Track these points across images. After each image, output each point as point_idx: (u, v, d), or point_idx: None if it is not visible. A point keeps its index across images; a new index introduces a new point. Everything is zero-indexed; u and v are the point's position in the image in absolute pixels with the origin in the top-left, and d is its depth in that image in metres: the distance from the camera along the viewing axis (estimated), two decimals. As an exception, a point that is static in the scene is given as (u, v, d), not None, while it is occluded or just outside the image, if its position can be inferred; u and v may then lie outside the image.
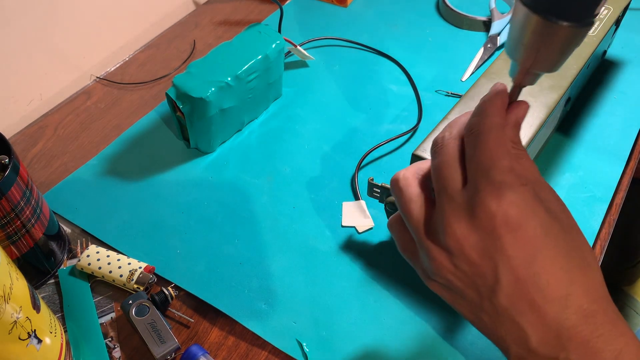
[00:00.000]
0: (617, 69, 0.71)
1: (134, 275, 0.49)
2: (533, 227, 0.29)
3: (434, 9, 0.84)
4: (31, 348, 0.38)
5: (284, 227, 0.55)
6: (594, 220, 0.54)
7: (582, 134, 0.63)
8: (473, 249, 0.30)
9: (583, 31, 0.31)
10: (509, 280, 0.29)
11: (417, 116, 0.67)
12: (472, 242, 0.30)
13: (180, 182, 0.60)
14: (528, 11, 0.31)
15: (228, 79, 0.58)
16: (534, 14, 0.31)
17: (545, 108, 0.51)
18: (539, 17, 0.31)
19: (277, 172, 0.61)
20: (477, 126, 0.32)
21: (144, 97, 0.71)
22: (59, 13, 0.69)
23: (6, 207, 0.43)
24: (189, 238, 0.54)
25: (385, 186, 0.49)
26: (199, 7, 0.89)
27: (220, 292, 0.50)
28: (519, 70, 0.34)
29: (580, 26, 0.31)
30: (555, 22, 0.31)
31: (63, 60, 0.72)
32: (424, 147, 0.47)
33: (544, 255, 0.29)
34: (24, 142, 0.66)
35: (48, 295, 0.51)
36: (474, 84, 0.54)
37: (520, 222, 0.29)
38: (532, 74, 0.34)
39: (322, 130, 0.65)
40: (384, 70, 0.74)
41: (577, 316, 0.28)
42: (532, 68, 0.33)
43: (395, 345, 0.46)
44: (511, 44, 0.34)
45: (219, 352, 0.46)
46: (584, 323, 0.28)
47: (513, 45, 0.34)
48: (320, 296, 0.49)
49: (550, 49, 0.32)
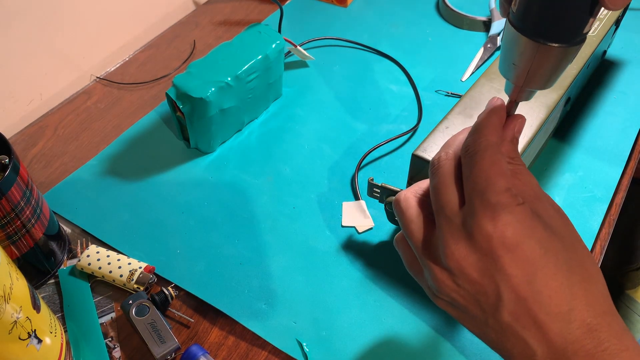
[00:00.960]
0: (617, 69, 0.71)
1: (134, 275, 0.49)
2: (531, 246, 0.29)
3: (434, 9, 0.84)
4: (31, 348, 0.38)
5: (284, 227, 0.55)
6: (594, 221, 0.54)
7: (582, 134, 0.63)
8: (473, 268, 0.30)
9: (574, 50, 0.32)
10: (511, 298, 0.29)
11: (417, 116, 0.67)
12: (472, 262, 0.30)
13: (180, 182, 0.60)
14: (518, 34, 0.32)
15: (228, 79, 0.58)
16: (524, 36, 0.32)
17: (545, 108, 0.51)
18: (529, 40, 0.31)
19: (277, 172, 0.61)
20: (472, 146, 0.32)
21: (144, 97, 0.71)
22: (60, 13, 0.69)
23: (6, 207, 0.44)
24: (189, 238, 0.54)
25: (385, 186, 0.49)
26: (199, 7, 0.89)
27: (220, 292, 0.50)
28: (513, 89, 0.35)
29: (570, 46, 0.32)
30: (545, 44, 0.31)
31: (63, 60, 0.72)
32: (423, 147, 0.47)
33: (544, 273, 0.29)
34: (24, 142, 0.66)
35: (48, 295, 0.51)
36: (474, 84, 0.54)
37: (517, 242, 0.29)
38: (526, 91, 0.35)
39: (322, 130, 0.65)
40: (384, 70, 0.74)
41: (580, 331, 0.29)
42: (525, 86, 0.34)
43: (395, 345, 0.46)
44: (503, 64, 0.35)
45: (219, 352, 0.46)
46: (587, 337, 0.29)
47: (506, 65, 0.35)
48: (320, 296, 0.49)
49: (542, 69, 0.33)
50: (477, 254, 0.30)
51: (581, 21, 0.30)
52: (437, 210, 0.33)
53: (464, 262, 0.30)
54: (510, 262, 0.29)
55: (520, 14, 0.31)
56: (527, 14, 0.31)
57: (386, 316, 0.48)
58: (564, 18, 0.30)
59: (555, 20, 0.30)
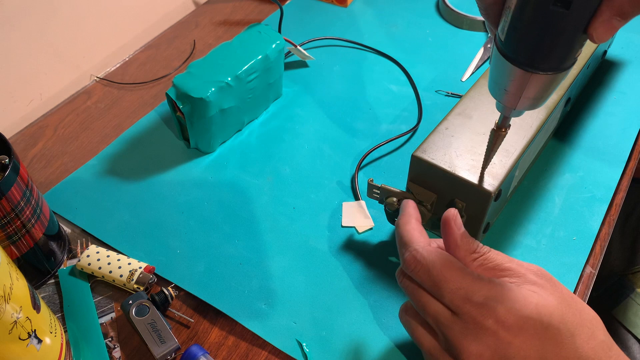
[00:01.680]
0: (617, 70, 0.71)
1: (134, 275, 0.49)
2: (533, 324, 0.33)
3: (434, 9, 0.84)
4: (31, 348, 0.38)
5: (284, 227, 0.55)
6: (594, 221, 0.54)
7: (582, 135, 0.63)
8: None
9: (562, 75, 0.32)
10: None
11: (417, 116, 0.67)
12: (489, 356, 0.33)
13: (180, 182, 0.60)
14: (509, 63, 0.32)
15: (228, 79, 0.58)
16: (515, 66, 0.32)
17: (545, 109, 0.51)
18: (520, 70, 0.32)
19: (277, 172, 0.61)
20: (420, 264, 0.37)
21: (144, 97, 0.71)
22: (59, 13, 0.69)
23: (6, 207, 0.44)
24: (189, 238, 0.54)
25: (385, 187, 0.49)
26: (199, 7, 0.89)
27: (220, 292, 0.50)
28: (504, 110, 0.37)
29: (559, 71, 0.32)
30: (536, 72, 0.32)
31: (63, 60, 0.72)
32: (423, 148, 0.47)
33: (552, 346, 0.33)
34: (24, 142, 0.66)
35: (48, 295, 0.51)
36: (474, 85, 0.54)
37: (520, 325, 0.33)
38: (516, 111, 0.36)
39: (322, 130, 0.65)
40: (384, 70, 0.74)
41: None
42: (517, 108, 0.35)
43: (395, 345, 0.46)
44: (494, 87, 0.36)
45: (219, 352, 0.46)
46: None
47: (496, 89, 0.35)
48: (320, 296, 0.49)
49: (533, 94, 0.34)
50: (490, 347, 0.33)
51: (570, 52, 0.31)
52: (433, 322, 0.36)
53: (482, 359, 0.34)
54: (521, 345, 0.33)
55: (510, 45, 0.32)
56: (518, 47, 0.32)
57: (386, 316, 0.48)
58: (555, 51, 0.31)
59: (546, 52, 0.31)
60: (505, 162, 0.46)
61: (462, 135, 0.48)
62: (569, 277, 0.49)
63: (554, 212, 0.54)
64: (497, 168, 0.45)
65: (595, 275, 0.50)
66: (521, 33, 0.31)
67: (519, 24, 0.30)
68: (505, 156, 0.46)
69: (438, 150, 0.47)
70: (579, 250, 0.51)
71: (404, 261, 0.38)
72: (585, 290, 0.49)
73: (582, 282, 0.49)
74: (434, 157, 0.46)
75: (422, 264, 0.36)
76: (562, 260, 0.51)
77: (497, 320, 0.33)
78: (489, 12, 0.32)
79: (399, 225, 0.41)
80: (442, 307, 0.36)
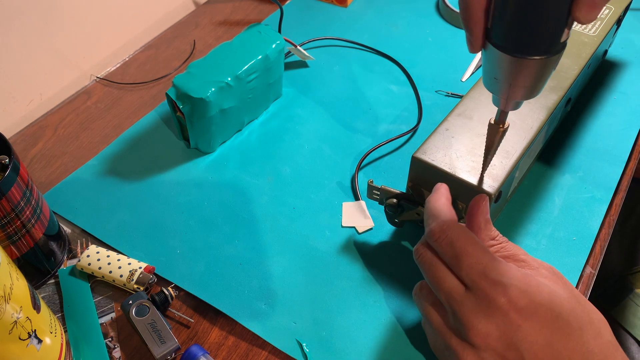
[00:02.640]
0: (618, 70, 0.71)
1: (134, 276, 0.49)
2: (544, 312, 0.34)
3: (434, 9, 0.84)
4: (31, 348, 0.38)
5: (284, 227, 0.55)
6: (594, 221, 0.54)
7: (582, 135, 0.63)
8: (497, 342, 0.34)
9: (553, 60, 0.33)
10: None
11: (417, 116, 0.67)
12: (496, 337, 0.34)
13: (180, 182, 0.60)
14: (496, 50, 0.32)
15: (228, 79, 0.58)
16: (502, 52, 0.32)
17: (546, 109, 0.51)
18: (506, 55, 0.32)
19: (277, 172, 0.61)
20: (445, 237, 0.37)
21: (144, 97, 0.71)
22: (59, 13, 0.69)
23: (6, 207, 0.44)
24: (189, 238, 0.54)
25: (384, 188, 0.49)
26: (199, 7, 0.89)
27: (220, 292, 0.50)
28: (500, 101, 0.36)
29: (549, 56, 0.32)
30: (523, 57, 0.32)
31: (63, 60, 0.72)
32: (423, 149, 0.47)
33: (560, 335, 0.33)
34: (24, 142, 0.66)
35: (48, 295, 0.51)
36: (474, 85, 0.54)
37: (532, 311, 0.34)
38: (512, 102, 0.36)
39: (322, 131, 0.65)
40: (384, 70, 0.74)
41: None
42: (510, 98, 0.35)
43: (396, 345, 0.46)
44: (486, 78, 0.36)
45: (219, 352, 0.46)
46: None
47: (488, 79, 0.35)
48: (320, 296, 0.49)
49: (523, 81, 0.34)
50: (499, 328, 0.34)
51: (555, 33, 0.31)
52: (445, 298, 0.37)
53: (489, 338, 0.34)
54: (530, 330, 0.33)
55: (495, 31, 0.32)
56: (502, 31, 0.32)
57: (386, 316, 0.48)
58: (538, 32, 0.31)
59: (529, 35, 0.31)
60: (506, 164, 0.46)
61: (462, 137, 0.48)
62: (569, 277, 0.49)
63: (554, 213, 0.55)
64: (497, 169, 0.45)
65: (595, 276, 0.50)
66: (507, 19, 0.31)
67: (504, 10, 0.30)
68: (505, 157, 0.46)
69: (438, 151, 0.47)
70: (578, 250, 0.51)
71: (429, 231, 0.38)
72: (585, 290, 0.49)
73: (582, 282, 0.49)
74: (434, 158, 0.46)
75: (447, 234, 0.37)
76: (562, 260, 0.51)
77: (509, 300, 0.33)
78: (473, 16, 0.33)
79: (430, 202, 0.41)
80: (457, 282, 0.36)
